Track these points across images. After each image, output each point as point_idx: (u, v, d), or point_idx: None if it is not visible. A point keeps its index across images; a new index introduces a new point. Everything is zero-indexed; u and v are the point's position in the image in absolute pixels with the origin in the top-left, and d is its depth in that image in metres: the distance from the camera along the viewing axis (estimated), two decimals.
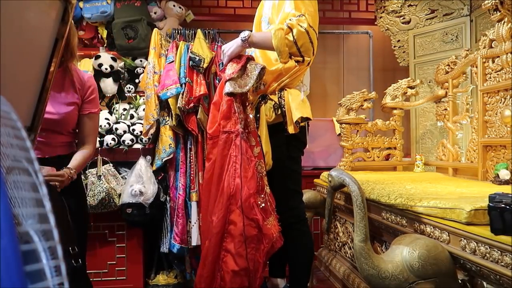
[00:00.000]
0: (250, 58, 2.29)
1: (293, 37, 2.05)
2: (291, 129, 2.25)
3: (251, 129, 2.24)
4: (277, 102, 2.27)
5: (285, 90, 2.30)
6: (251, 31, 2.31)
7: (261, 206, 2.17)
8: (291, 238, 2.35)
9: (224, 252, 2.16)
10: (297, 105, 2.24)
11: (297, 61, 2.15)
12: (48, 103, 2.00)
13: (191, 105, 3.32)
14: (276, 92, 2.31)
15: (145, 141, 3.49)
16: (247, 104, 2.26)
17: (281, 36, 2.08)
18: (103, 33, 3.99)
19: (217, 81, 3.34)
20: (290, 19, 2.10)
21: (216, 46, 3.65)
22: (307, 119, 2.32)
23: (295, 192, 2.40)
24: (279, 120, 2.28)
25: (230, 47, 2.27)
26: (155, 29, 3.61)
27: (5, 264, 0.53)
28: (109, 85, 3.70)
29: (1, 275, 0.53)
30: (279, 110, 2.26)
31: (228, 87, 2.16)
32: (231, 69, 2.24)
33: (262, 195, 2.20)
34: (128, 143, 3.44)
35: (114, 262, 3.53)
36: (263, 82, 2.35)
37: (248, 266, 2.12)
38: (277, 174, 2.35)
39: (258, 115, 2.31)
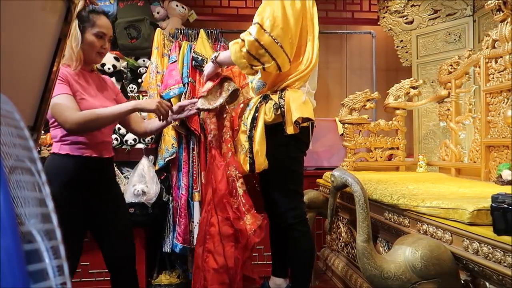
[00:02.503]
0: (226, 78, 2.49)
1: (246, 48, 2.15)
2: (290, 130, 2.24)
3: (225, 138, 2.44)
4: (277, 102, 2.27)
5: (287, 90, 2.29)
6: None
7: (234, 207, 2.32)
8: (290, 239, 2.35)
9: (206, 253, 2.33)
10: (297, 105, 2.23)
11: (259, 70, 2.23)
12: (104, 102, 2.17)
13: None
14: (278, 92, 2.30)
15: (148, 141, 3.49)
16: (224, 115, 2.49)
17: (236, 49, 2.20)
18: None
19: None
20: (242, 34, 2.22)
21: (219, 46, 3.65)
22: (308, 119, 2.31)
23: (295, 192, 2.39)
24: (279, 120, 2.27)
25: (207, 68, 2.49)
26: (158, 29, 3.61)
27: (8, 264, 0.54)
28: None
29: (4, 275, 0.53)
30: (279, 110, 2.26)
31: (198, 104, 2.41)
32: (206, 87, 2.47)
33: (235, 197, 2.34)
34: (130, 142, 3.44)
35: None
36: (240, 99, 2.61)
37: (227, 264, 2.26)
38: (277, 174, 2.35)
39: (256, 115, 2.31)
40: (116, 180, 2.40)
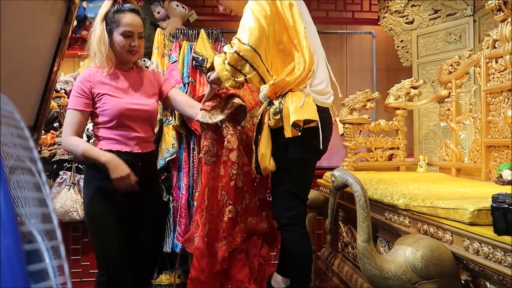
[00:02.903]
0: (233, 95, 2.46)
1: (227, 60, 2.18)
2: (287, 133, 2.23)
3: (223, 160, 2.43)
4: (278, 107, 2.28)
5: (288, 94, 2.28)
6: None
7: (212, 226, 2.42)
8: (285, 239, 2.37)
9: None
10: (294, 108, 2.22)
11: (242, 83, 2.26)
12: (137, 99, 2.26)
13: None
14: (279, 98, 2.31)
15: None
16: (225, 133, 2.44)
17: (219, 62, 2.24)
18: None
19: None
20: (224, 47, 2.26)
21: (219, 46, 3.65)
22: (311, 121, 2.26)
23: (292, 195, 2.36)
24: (280, 124, 2.29)
25: (206, 89, 2.47)
26: (158, 29, 3.61)
27: (8, 264, 0.54)
28: None
29: (4, 275, 0.53)
30: (278, 114, 2.27)
31: (198, 116, 2.37)
32: (210, 101, 2.43)
33: (220, 220, 2.43)
34: None
35: None
36: (247, 119, 2.58)
37: (199, 277, 2.37)
38: (276, 175, 2.38)
39: (261, 120, 2.35)
40: (155, 177, 2.42)
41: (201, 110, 2.39)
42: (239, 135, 2.47)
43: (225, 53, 2.21)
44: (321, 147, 2.29)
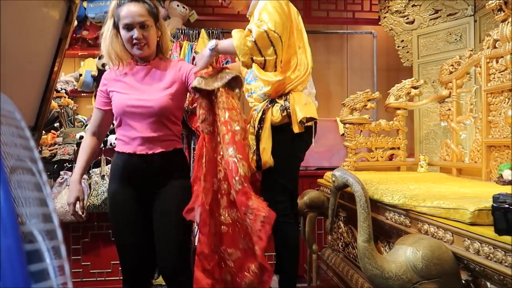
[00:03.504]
0: (226, 68, 2.40)
1: (253, 37, 2.22)
2: (295, 128, 2.41)
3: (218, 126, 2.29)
4: (283, 105, 2.43)
5: (291, 93, 2.46)
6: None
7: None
8: (277, 230, 2.40)
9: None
10: (301, 107, 2.41)
11: (258, 64, 2.32)
12: (143, 94, 2.15)
13: (195, 105, 3.31)
14: (283, 96, 2.47)
15: None
16: (219, 100, 2.27)
17: (241, 36, 2.26)
18: None
19: None
20: (249, 25, 2.32)
21: None
22: (312, 118, 2.46)
23: (285, 188, 2.53)
24: (285, 121, 2.44)
25: (201, 57, 2.33)
26: None
27: (9, 264, 0.54)
28: None
29: (5, 275, 0.53)
30: (285, 111, 2.42)
31: (195, 82, 2.20)
32: (205, 70, 2.31)
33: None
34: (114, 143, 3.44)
35: (118, 262, 3.52)
36: (243, 91, 2.49)
37: (203, 250, 2.26)
38: (272, 170, 2.47)
39: (263, 116, 2.46)
40: (174, 178, 2.25)
41: (196, 77, 2.23)
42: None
43: (250, 30, 2.25)
44: (312, 145, 2.48)
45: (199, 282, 2.19)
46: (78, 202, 2.16)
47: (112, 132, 3.52)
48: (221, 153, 2.28)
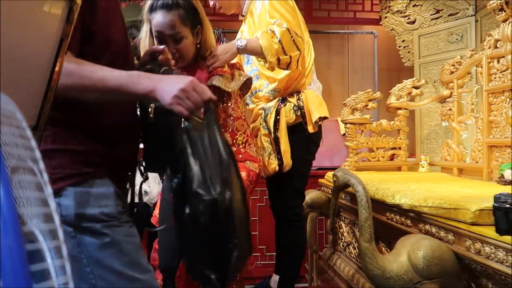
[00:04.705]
0: (238, 68, 2.33)
1: (278, 37, 2.23)
2: (310, 128, 2.41)
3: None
4: (296, 104, 2.41)
5: (302, 92, 2.45)
6: None
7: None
8: (289, 234, 2.44)
9: None
10: (315, 105, 2.42)
11: (284, 63, 2.31)
12: None
13: None
14: (294, 95, 2.45)
15: None
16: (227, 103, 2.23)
17: (268, 37, 2.25)
18: None
19: None
20: (270, 26, 2.29)
21: None
22: (325, 118, 2.49)
23: (300, 193, 2.54)
24: (299, 120, 2.43)
25: (226, 52, 2.23)
26: None
27: (10, 264, 0.54)
28: None
29: (6, 275, 0.53)
30: (299, 111, 2.41)
31: (216, 80, 2.09)
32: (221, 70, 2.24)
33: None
34: None
35: None
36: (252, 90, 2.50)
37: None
38: (287, 173, 2.44)
39: (278, 117, 2.42)
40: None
41: (215, 75, 2.11)
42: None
43: (272, 31, 2.25)
44: (320, 145, 2.47)
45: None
46: None
47: None
48: None
